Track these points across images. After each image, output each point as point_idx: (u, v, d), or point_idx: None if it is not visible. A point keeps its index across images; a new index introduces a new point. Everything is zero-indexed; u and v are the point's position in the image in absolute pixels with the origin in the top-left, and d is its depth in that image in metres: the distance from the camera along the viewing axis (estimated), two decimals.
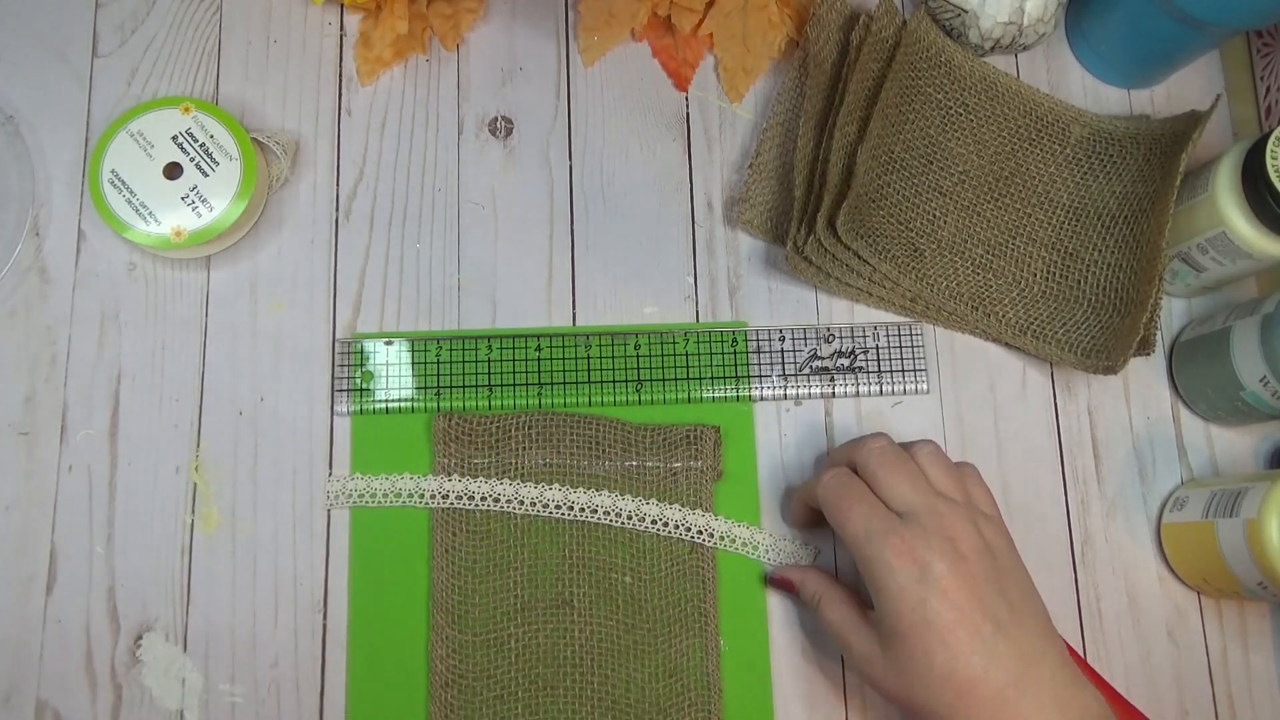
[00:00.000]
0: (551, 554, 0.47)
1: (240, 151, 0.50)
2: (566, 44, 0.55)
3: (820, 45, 0.53)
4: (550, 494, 0.47)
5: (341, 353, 0.50)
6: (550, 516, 0.47)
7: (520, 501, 0.47)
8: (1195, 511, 0.48)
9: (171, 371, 0.50)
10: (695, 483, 0.48)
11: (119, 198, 0.49)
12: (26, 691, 0.46)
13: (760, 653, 0.48)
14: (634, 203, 0.53)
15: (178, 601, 0.47)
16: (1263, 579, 0.44)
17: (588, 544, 0.47)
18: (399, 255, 0.52)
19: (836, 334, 0.52)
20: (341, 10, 0.55)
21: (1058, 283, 0.52)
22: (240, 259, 0.52)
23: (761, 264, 0.53)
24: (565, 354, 0.51)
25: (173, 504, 0.48)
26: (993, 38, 0.53)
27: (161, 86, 0.53)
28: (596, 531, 0.47)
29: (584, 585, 0.46)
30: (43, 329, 0.50)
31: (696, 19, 0.55)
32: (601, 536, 0.47)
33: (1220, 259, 0.49)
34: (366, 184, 0.53)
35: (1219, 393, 0.50)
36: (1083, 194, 0.54)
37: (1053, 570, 0.50)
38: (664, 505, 0.48)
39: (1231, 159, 0.48)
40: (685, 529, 0.48)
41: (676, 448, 0.48)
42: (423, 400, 0.50)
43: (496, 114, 0.54)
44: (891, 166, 0.53)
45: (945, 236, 0.53)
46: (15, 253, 0.50)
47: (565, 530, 0.47)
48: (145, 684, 0.46)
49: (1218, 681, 0.49)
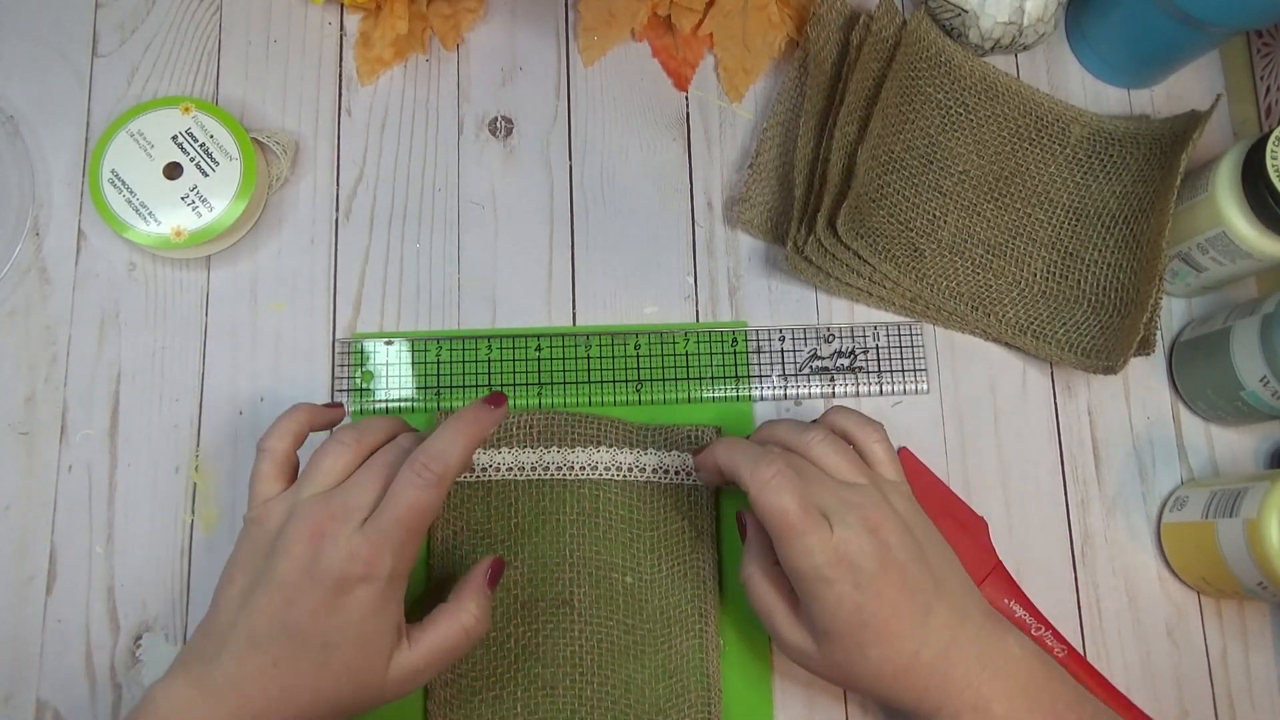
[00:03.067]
0: (551, 554, 0.47)
1: (240, 151, 0.50)
2: (566, 44, 0.55)
3: (820, 45, 0.53)
4: (549, 456, 0.48)
5: (341, 353, 0.50)
6: (552, 479, 0.47)
7: (520, 468, 0.47)
8: (1195, 511, 0.48)
9: (171, 371, 0.50)
10: (695, 483, 0.48)
11: (119, 198, 0.49)
12: (26, 691, 0.46)
13: (760, 653, 0.48)
14: (634, 202, 0.53)
15: (177, 601, 0.47)
16: (1262, 579, 0.44)
17: (588, 544, 0.47)
18: (399, 255, 0.52)
19: (836, 334, 0.52)
20: (341, 10, 0.55)
21: (1058, 282, 0.52)
22: (240, 259, 0.52)
23: (761, 264, 0.53)
24: (565, 354, 0.51)
25: (172, 504, 0.48)
26: (993, 37, 0.53)
27: (161, 86, 0.53)
28: (597, 531, 0.47)
29: (584, 585, 0.46)
30: (43, 329, 0.50)
31: (696, 19, 0.55)
32: (602, 537, 0.47)
33: (1220, 259, 0.49)
34: (366, 184, 0.53)
35: (1219, 393, 0.50)
36: (1083, 194, 0.54)
37: (1052, 570, 0.50)
38: (663, 453, 0.48)
39: (1231, 159, 0.48)
40: (687, 474, 0.48)
41: (677, 448, 0.48)
42: (423, 400, 0.50)
43: (496, 114, 0.54)
44: (891, 166, 0.53)
45: (945, 236, 0.53)
46: (15, 253, 0.50)
47: (565, 530, 0.47)
48: (145, 684, 0.46)
49: (1217, 681, 0.49)
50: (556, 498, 0.47)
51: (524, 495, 0.48)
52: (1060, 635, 0.48)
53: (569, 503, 0.47)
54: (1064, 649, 0.48)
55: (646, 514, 0.48)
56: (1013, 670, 0.39)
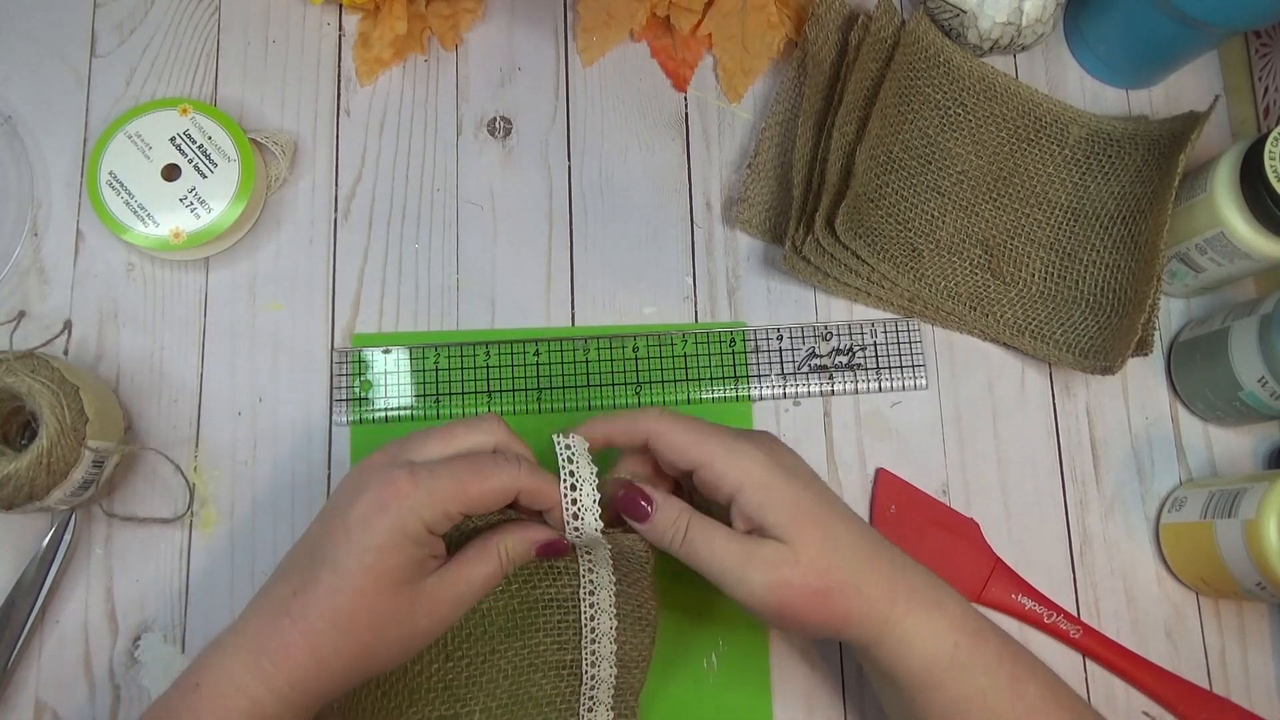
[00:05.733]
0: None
1: (238, 153, 0.50)
2: (565, 44, 0.55)
3: (819, 45, 0.53)
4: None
5: (340, 362, 0.50)
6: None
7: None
8: (1194, 512, 0.48)
9: (170, 372, 0.50)
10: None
11: (117, 199, 0.49)
12: (25, 692, 0.46)
13: (760, 653, 0.48)
14: (633, 203, 0.53)
15: (176, 602, 0.47)
16: (1261, 579, 0.44)
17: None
18: (397, 255, 0.52)
19: (835, 331, 0.52)
20: (340, 10, 0.55)
21: (1056, 283, 0.52)
22: (239, 259, 0.52)
23: (760, 264, 0.53)
24: (564, 357, 0.51)
25: (171, 504, 0.48)
26: (991, 38, 0.53)
27: (160, 86, 0.53)
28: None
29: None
30: (42, 329, 0.50)
31: (695, 19, 0.55)
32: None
33: (1218, 259, 0.49)
34: (365, 184, 0.53)
35: (1217, 393, 0.50)
36: (1081, 194, 0.54)
37: (1051, 570, 0.50)
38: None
39: (1230, 159, 0.48)
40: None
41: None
42: (422, 408, 0.50)
43: (495, 114, 0.54)
44: (890, 166, 0.53)
45: (943, 236, 0.53)
46: (15, 253, 0.50)
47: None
48: (143, 685, 0.46)
49: (1216, 681, 0.49)
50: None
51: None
52: (1073, 617, 0.48)
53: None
54: (1079, 630, 0.48)
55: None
56: (936, 580, 0.39)
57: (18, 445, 0.45)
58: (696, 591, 0.48)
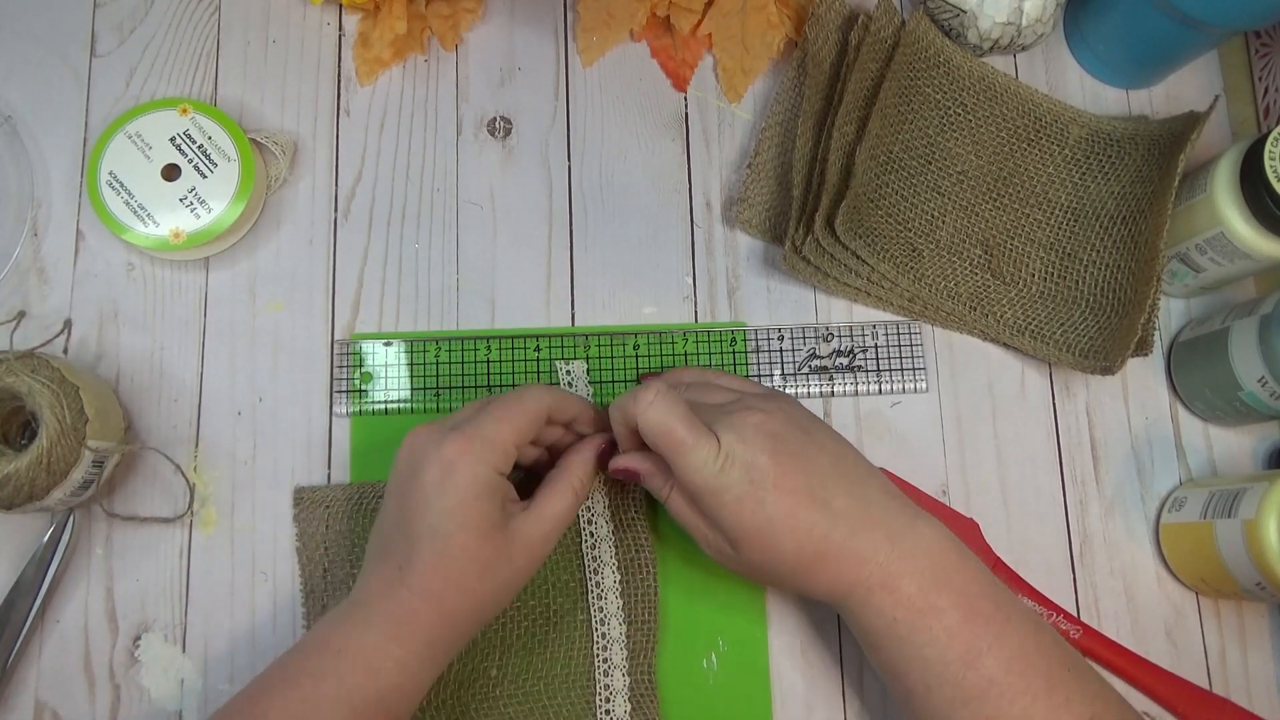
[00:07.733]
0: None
1: (238, 152, 0.50)
2: (565, 44, 0.55)
3: (819, 45, 0.53)
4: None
5: (340, 354, 0.50)
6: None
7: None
8: (1193, 512, 0.48)
9: (170, 372, 0.50)
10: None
11: (117, 199, 0.49)
12: (25, 692, 0.46)
13: (760, 651, 0.48)
14: (633, 203, 0.53)
15: (176, 602, 0.47)
16: (1261, 579, 0.44)
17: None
18: (397, 255, 0.52)
19: (835, 333, 0.52)
20: (340, 10, 0.55)
21: (1056, 283, 0.52)
22: (239, 259, 0.52)
23: (760, 264, 0.53)
24: (565, 354, 0.51)
25: (171, 504, 0.48)
26: (991, 38, 0.53)
27: (160, 86, 0.53)
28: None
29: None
30: (42, 329, 0.50)
31: (695, 19, 0.55)
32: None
33: (1218, 259, 0.49)
34: (365, 184, 0.53)
35: (1217, 393, 0.50)
36: (1081, 194, 0.54)
37: (1051, 570, 0.50)
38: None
39: (1230, 159, 0.48)
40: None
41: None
42: (422, 401, 0.50)
43: (495, 114, 0.54)
44: (890, 166, 0.53)
45: (943, 236, 0.53)
46: (15, 253, 0.50)
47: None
48: (143, 684, 0.46)
49: (1216, 681, 0.49)
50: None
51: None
52: (1073, 617, 0.48)
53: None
54: (1079, 630, 0.48)
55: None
56: (922, 549, 0.40)
57: (18, 445, 0.45)
58: (697, 592, 0.48)
